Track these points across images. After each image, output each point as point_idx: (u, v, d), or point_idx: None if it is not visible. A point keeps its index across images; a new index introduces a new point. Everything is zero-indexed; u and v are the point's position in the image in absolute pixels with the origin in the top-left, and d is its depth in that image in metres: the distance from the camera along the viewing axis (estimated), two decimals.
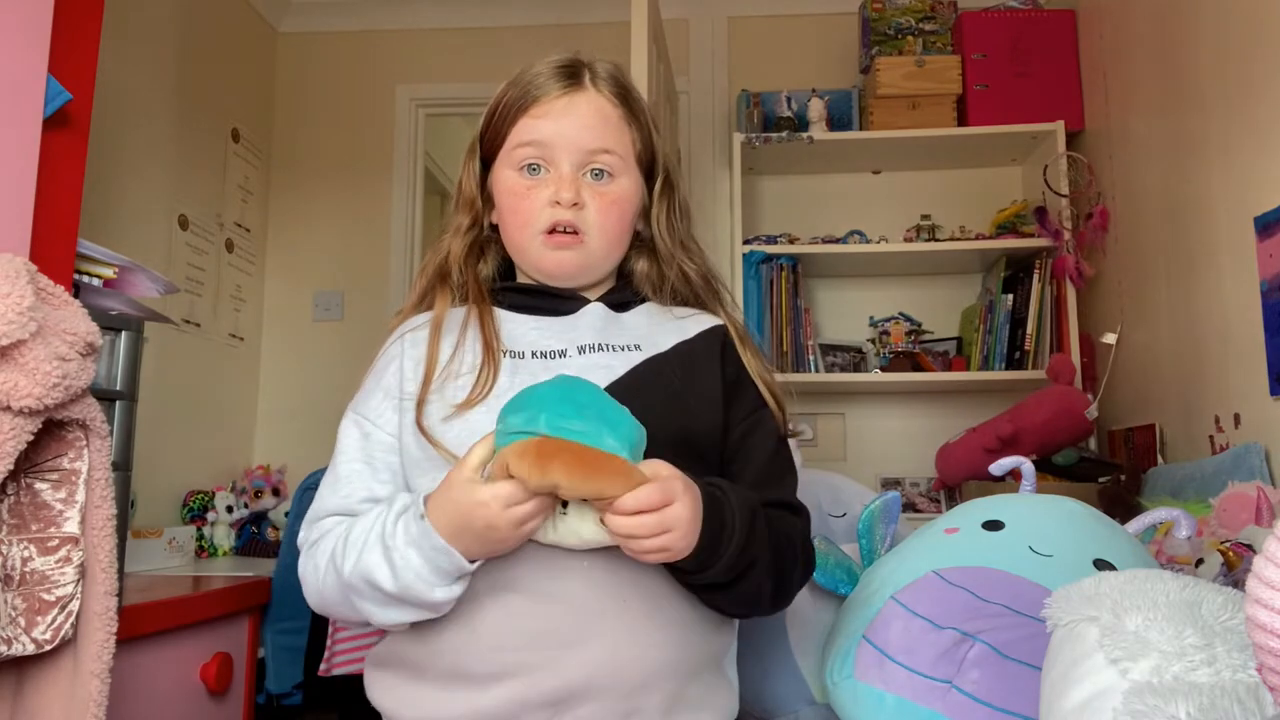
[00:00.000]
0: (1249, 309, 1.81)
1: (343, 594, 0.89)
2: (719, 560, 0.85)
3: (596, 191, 1.00)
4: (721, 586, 0.88)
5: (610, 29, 2.56)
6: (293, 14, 3.30)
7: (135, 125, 2.51)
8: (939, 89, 2.84)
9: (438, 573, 0.84)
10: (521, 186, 1.00)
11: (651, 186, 1.06)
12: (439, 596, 0.85)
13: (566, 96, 1.00)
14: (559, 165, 0.99)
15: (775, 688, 1.26)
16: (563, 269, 1.01)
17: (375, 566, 0.85)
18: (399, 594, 0.84)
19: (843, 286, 3.04)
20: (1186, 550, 1.38)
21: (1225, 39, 1.93)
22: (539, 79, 1.01)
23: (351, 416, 1.00)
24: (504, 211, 1.03)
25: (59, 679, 1.03)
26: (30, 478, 1.03)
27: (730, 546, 0.85)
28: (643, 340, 1.00)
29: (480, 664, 0.88)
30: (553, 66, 1.01)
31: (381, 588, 0.85)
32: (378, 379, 1.00)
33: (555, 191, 0.98)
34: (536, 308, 1.02)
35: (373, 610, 0.88)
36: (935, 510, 2.79)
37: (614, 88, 1.03)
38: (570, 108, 1.00)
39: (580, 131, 0.99)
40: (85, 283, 1.35)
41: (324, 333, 3.09)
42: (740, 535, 0.86)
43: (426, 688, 0.91)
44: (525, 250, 1.01)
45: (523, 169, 1.00)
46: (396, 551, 0.84)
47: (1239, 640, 0.69)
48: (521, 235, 1.01)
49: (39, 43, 1.19)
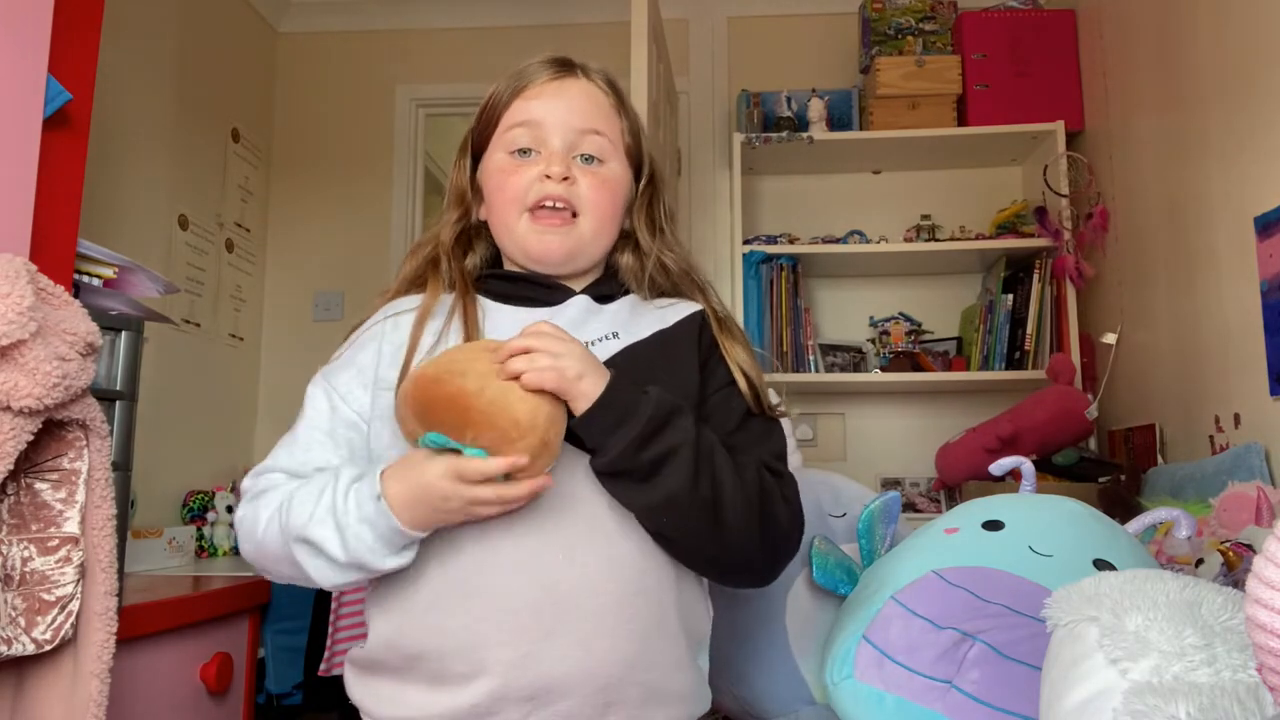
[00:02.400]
0: (1249, 309, 1.81)
1: (285, 551, 0.90)
2: (625, 430, 0.86)
3: (586, 171, 1.00)
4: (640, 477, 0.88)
5: (610, 29, 2.56)
6: (293, 14, 3.30)
7: (135, 125, 2.51)
8: (939, 89, 2.84)
9: (389, 545, 0.86)
10: (511, 164, 1.01)
11: (638, 184, 1.07)
12: (390, 565, 0.87)
13: (558, 80, 1.02)
14: (549, 143, 1.00)
15: (775, 688, 1.26)
16: (549, 253, 1.00)
17: (326, 540, 0.87)
18: (349, 563, 0.87)
19: (843, 286, 3.05)
20: (1186, 550, 1.38)
21: (1225, 39, 1.93)
22: (530, 69, 1.03)
23: (322, 385, 1.00)
24: (492, 192, 1.03)
25: (59, 679, 1.03)
26: (30, 478, 1.03)
27: (642, 418, 0.86)
28: (621, 328, 1.00)
29: (458, 662, 0.88)
30: (544, 59, 1.04)
31: (334, 559, 0.87)
32: (354, 354, 1.00)
33: (546, 166, 0.99)
34: (521, 297, 1.02)
35: (320, 572, 0.89)
36: (935, 510, 2.79)
37: (604, 79, 1.05)
38: (562, 89, 1.02)
39: (571, 112, 1.01)
40: (85, 283, 1.35)
41: (324, 333, 3.08)
42: (657, 417, 0.87)
43: (406, 687, 0.92)
44: (512, 231, 1.01)
45: (514, 151, 1.01)
46: (349, 529, 0.86)
47: (1239, 640, 0.69)
48: (509, 214, 1.00)
49: (39, 43, 1.19)
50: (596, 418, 0.86)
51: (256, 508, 0.94)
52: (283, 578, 0.94)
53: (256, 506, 0.94)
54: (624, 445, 0.86)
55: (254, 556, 0.95)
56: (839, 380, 2.83)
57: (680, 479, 0.87)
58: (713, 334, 1.02)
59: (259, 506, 0.93)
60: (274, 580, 0.98)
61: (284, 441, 0.99)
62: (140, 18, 2.52)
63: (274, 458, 0.97)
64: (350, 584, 0.91)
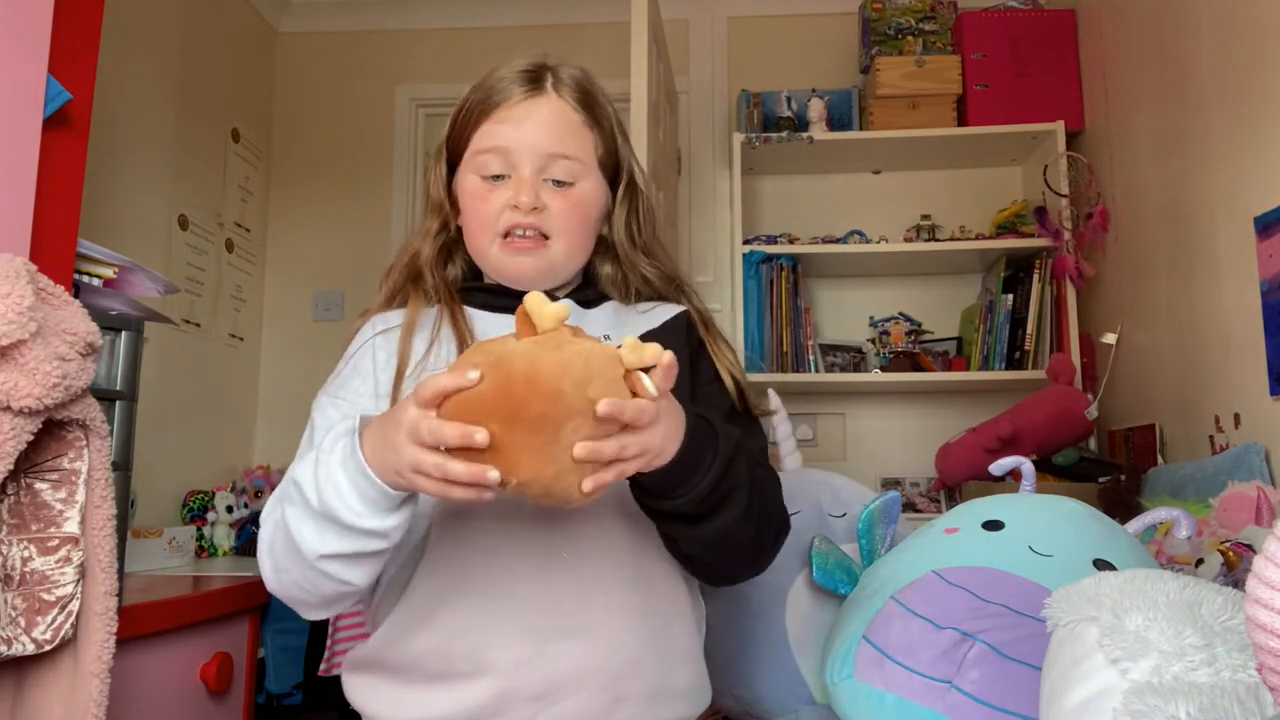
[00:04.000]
0: (1249, 309, 1.81)
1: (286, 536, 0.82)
2: (699, 478, 0.81)
3: (556, 194, 0.99)
4: (697, 519, 0.84)
5: (610, 29, 2.56)
6: (293, 14, 3.30)
7: (135, 125, 2.51)
8: (939, 89, 2.84)
9: (363, 499, 0.78)
10: (483, 190, 1.00)
11: (615, 190, 1.06)
12: (353, 515, 0.78)
13: (527, 101, 1.00)
14: (519, 169, 0.99)
15: (775, 688, 1.26)
16: (524, 274, 1.00)
17: (303, 480, 0.81)
18: (320, 510, 0.79)
19: (843, 286, 3.05)
20: (1186, 550, 1.38)
21: (1225, 39, 1.93)
22: (501, 83, 1.01)
23: (328, 400, 0.98)
24: (465, 215, 1.03)
25: (59, 679, 1.03)
26: (30, 478, 1.03)
27: (715, 465, 0.82)
28: (611, 331, 1.00)
29: (463, 662, 0.88)
30: (516, 71, 1.01)
31: (308, 502, 0.80)
32: (354, 367, 0.99)
33: (514, 195, 0.97)
34: (505, 306, 1.01)
35: (300, 532, 0.80)
36: (935, 510, 2.79)
37: (576, 93, 1.02)
38: (531, 111, 0.99)
39: (540, 136, 0.99)
40: (85, 283, 1.35)
41: (324, 333, 3.09)
42: (723, 458, 0.83)
43: (408, 688, 0.91)
44: (485, 255, 1.01)
45: (484, 175, 1.00)
46: (321, 465, 0.80)
47: (1239, 640, 0.69)
48: (481, 239, 1.00)
49: (39, 43, 1.19)
50: (665, 473, 0.80)
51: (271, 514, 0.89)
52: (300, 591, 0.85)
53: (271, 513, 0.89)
54: (692, 499, 0.83)
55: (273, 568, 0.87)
56: (839, 380, 2.83)
57: (734, 516, 0.86)
58: (699, 334, 1.03)
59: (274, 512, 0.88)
60: (298, 608, 0.90)
61: (292, 470, 0.92)
62: (140, 18, 2.52)
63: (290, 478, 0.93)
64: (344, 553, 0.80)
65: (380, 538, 0.80)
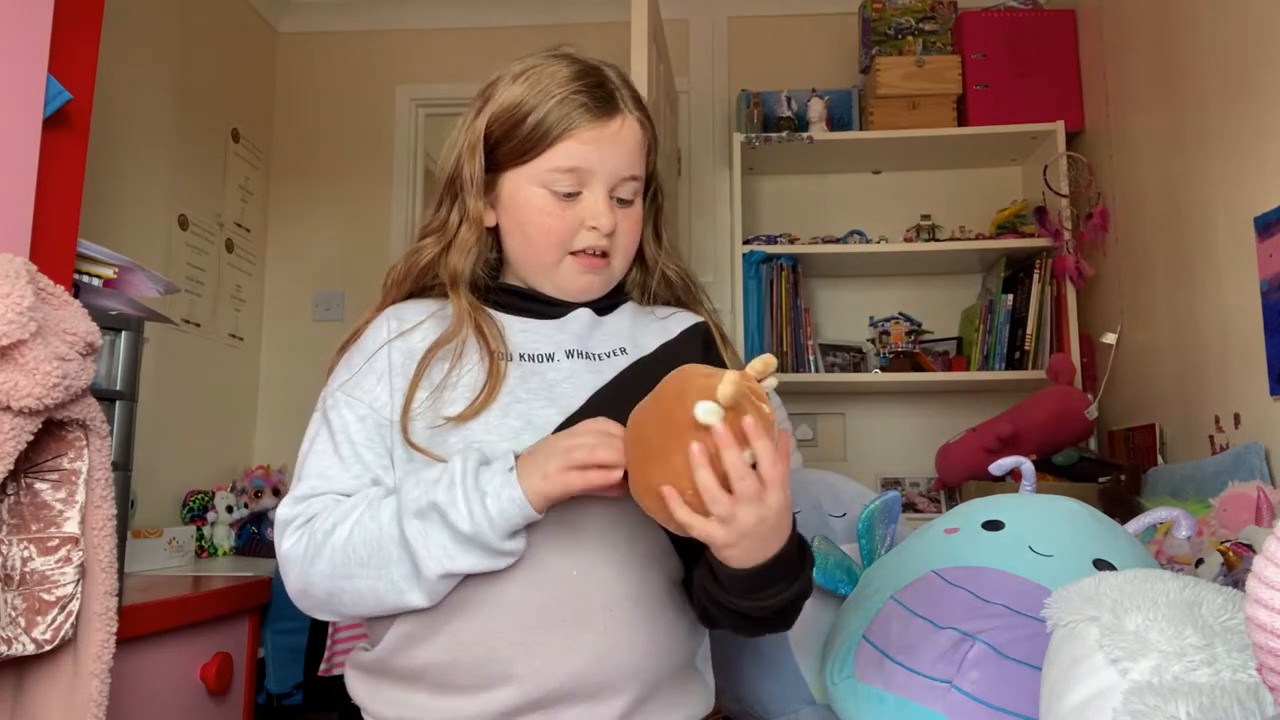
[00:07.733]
0: (1249, 309, 1.81)
1: (373, 554, 0.86)
2: (785, 584, 0.82)
3: (622, 215, 1.00)
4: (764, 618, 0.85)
5: (610, 29, 2.56)
6: (293, 14, 3.30)
7: (135, 125, 2.51)
8: (939, 89, 2.84)
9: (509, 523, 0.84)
10: (555, 207, 0.98)
11: (646, 197, 1.07)
12: (505, 546, 0.85)
13: (610, 123, 0.98)
14: (593, 189, 0.98)
15: (775, 688, 1.26)
16: (589, 290, 1.02)
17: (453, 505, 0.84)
18: (473, 534, 0.83)
19: (843, 286, 3.04)
20: (1186, 550, 1.38)
21: (1225, 39, 1.93)
22: (575, 102, 0.97)
23: (344, 398, 0.97)
24: (528, 226, 1.00)
25: (59, 679, 1.03)
26: (30, 478, 1.03)
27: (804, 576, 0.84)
28: (628, 343, 1.01)
29: (471, 674, 0.88)
30: (586, 88, 0.98)
31: (457, 529, 0.84)
32: (370, 368, 0.98)
33: (594, 217, 0.97)
34: (525, 309, 1.02)
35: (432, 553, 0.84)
36: (935, 510, 2.79)
37: (639, 110, 1.02)
38: (614, 134, 0.98)
39: (619, 160, 0.99)
40: (85, 283, 1.35)
41: (324, 333, 3.08)
42: (807, 573, 0.85)
43: (412, 693, 0.92)
44: (547, 269, 1.00)
45: (557, 192, 0.98)
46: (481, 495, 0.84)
47: (1239, 640, 0.69)
48: (548, 255, 1.00)
49: (39, 43, 1.19)
50: (746, 575, 0.81)
51: (312, 530, 0.90)
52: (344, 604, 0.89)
53: (312, 529, 0.90)
54: (773, 603, 0.83)
55: (302, 586, 0.90)
56: (839, 380, 2.83)
57: (793, 593, 0.85)
58: (718, 351, 1.04)
59: (314, 530, 0.89)
60: (327, 617, 0.92)
61: (312, 469, 0.95)
62: (140, 18, 2.52)
63: (316, 482, 0.93)
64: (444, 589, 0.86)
65: (512, 556, 0.86)
